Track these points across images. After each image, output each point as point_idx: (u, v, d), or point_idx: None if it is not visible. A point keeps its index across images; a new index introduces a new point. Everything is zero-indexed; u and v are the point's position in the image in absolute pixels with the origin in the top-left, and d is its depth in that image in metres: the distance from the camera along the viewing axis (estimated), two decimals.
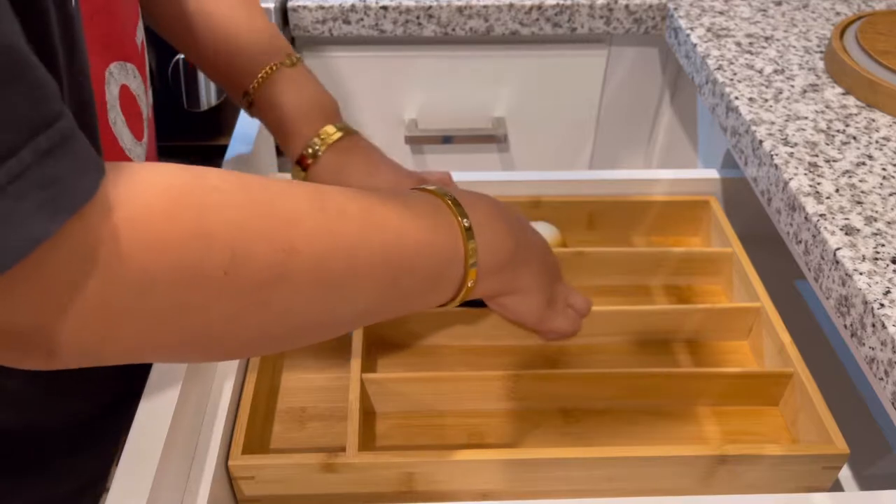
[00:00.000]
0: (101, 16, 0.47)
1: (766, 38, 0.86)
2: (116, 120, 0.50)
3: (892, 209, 0.60)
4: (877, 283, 0.53)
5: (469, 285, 0.48)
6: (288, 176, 0.76)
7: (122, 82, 0.51)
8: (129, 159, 0.52)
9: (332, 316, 0.41)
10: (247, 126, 0.71)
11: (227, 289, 0.34)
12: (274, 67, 0.62)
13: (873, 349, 0.51)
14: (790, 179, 0.63)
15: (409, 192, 0.48)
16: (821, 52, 0.83)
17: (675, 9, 0.94)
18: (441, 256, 0.46)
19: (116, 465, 0.43)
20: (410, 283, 0.44)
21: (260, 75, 0.62)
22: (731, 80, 0.78)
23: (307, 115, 0.62)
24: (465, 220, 0.47)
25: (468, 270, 0.47)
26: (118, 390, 0.57)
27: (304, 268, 0.37)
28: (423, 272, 0.45)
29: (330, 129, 0.62)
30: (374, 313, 0.45)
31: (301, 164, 0.62)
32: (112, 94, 0.49)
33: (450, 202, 0.47)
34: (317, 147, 0.61)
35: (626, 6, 0.96)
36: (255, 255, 0.35)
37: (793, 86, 0.77)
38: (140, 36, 0.54)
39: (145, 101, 0.55)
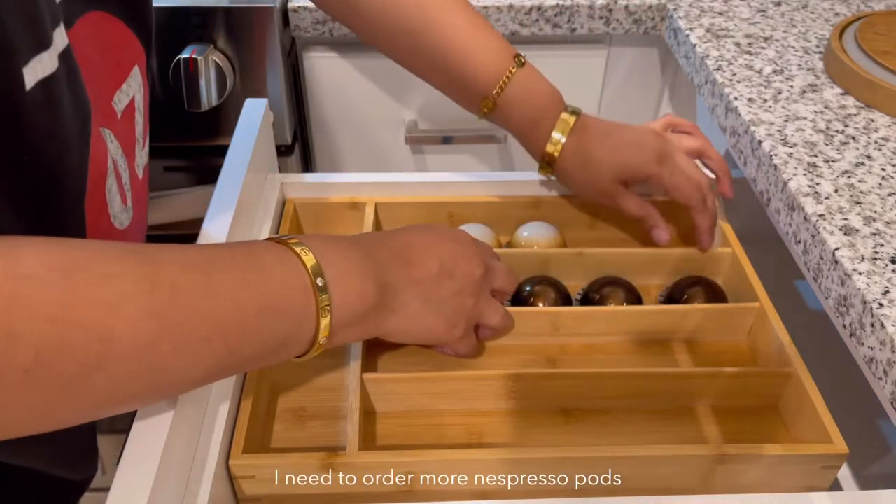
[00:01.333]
0: (87, 81, 0.46)
1: (766, 39, 0.86)
2: (112, 186, 0.50)
3: (891, 209, 0.60)
4: (876, 282, 0.53)
5: (321, 342, 0.47)
6: (288, 178, 0.76)
7: (108, 147, 0.51)
8: (114, 227, 0.52)
9: (162, 389, 0.41)
10: (247, 126, 0.71)
11: (29, 387, 0.33)
12: (512, 71, 0.66)
13: (872, 349, 0.51)
14: (789, 179, 0.63)
15: (260, 248, 0.46)
16: (820, 52, 0.83)
17: (675, 9, 0.94)
18: (288, 320, 0.45)
19: (117, 464, 0.43)
20: (252, 349, 0.44)
21: (501, 81, 0.66)
22: (731, 80, 0.78)
23: (545, 111, 0.67)
24: (318, 278, 0.46)
25: (320, 328, 0.46)
26: None
27: (124, 355, 0.36)
28: (265, 338, 0.44)
29: (565, 115, 0.66)
30: (213, 377, 0.44)
31: (548, 161, 0.67)
32: (110, 159, 0.50)
33: (304, 258, 0.46)
34: (558, 138, 0.66)
35: (626, 7, 0.96)
36: (65, 349, 0.34)
37: (792, 86, 0.77)
38: (121, 101, 0.53)
39: (125, 168, 0.54)
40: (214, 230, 0.59)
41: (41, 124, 0.39)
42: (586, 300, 0.68)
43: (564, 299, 0.67)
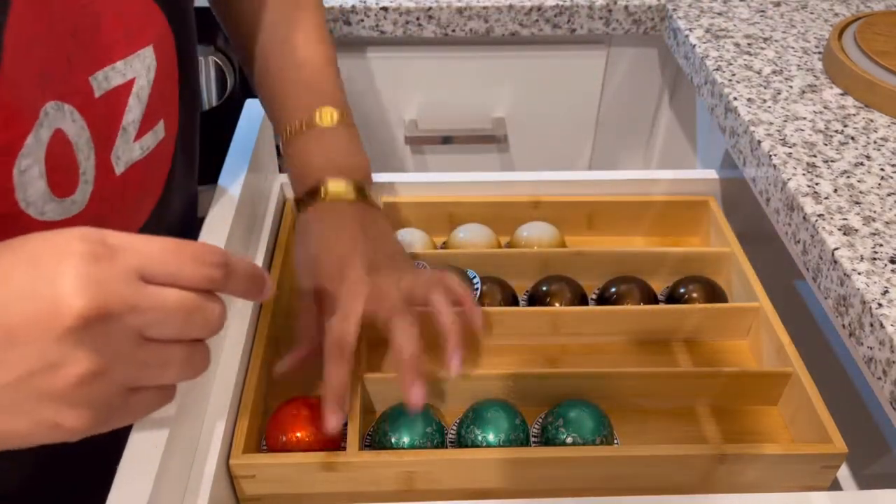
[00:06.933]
0: (39, 48, 0.41)
1: (765, 39, 0.86)
2: (31, 168, 0.41)
3: (890, 209, 0.60)
4: (875, 282, 0.53)
5: None
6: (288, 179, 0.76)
7: (57, 126, 0.42)
8: (24, 214, 0.43)
9: None
10: (247, 127, 0.71)
11: None
12: (304, 124, 0.59)
13: (871, 349, 0.51)
14: (788, 180, 0.63)
15: None
16: (819, 52, 0.83)
17: (674, 10, 0.94)
18: None
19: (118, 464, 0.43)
20: None
21: (290, 128, 0.59)
22: (730, 80, 0.78)
23: (320, 171, 0.58)
24: None
25: None
26: None
27: None
28: None
29: (334, 187, 0.56)
30: None
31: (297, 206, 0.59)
32: (38, 137, 0.41)
33: None
34: (304, 203, 0.58)
35: (626, 7, 0.96)
36: None
37: (791, 86, 0.77)
38: (109, 79, 0.46)
39: (88, 155, 0.45)
40: (215, 230, 0.60)
41: None
42: (602, 299, 0.68)
43: (581, 298, 0.67)
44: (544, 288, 0.68)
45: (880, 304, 0.51)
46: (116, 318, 0.33)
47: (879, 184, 0.63)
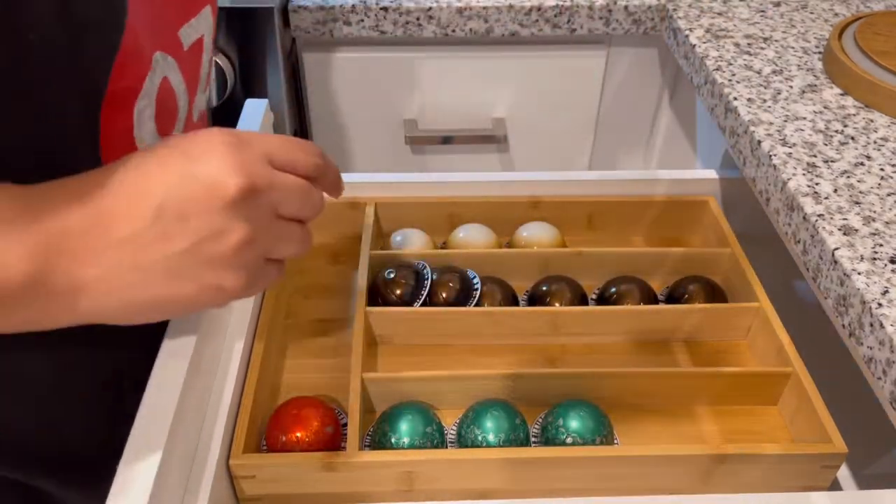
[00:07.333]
0: (150, 4, 0.45)
1: (765, 39, 0.86)
2: (146, 108, 0.47)
3: (890, 209, 0.60)
4: (875, 282, 0.53)
5: None
6: None
7: (164, 74, 0.48)
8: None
9: None
10: (248, 127, 0.71)
11: None
12: None
13: (871, 349, 0.51)
14: (788, 179, 0.63)
15: None
16: (819, 52, 0.83)
17: (674, 10, 0.94)
18: None
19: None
20: None
21: None
22: (730, 80, 0.78)
23: None
24: None
25: None
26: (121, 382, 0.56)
27: None
28: None
29: None
30: None
31: None
32: (153, 82, 0.47)
33: None
34: None
35: (626, 7, 0.96)
36: None
37: (791, 86, 0.77)
38: (189, 35, 0.51)
39: (185, 102, 0.51)
40: None
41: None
42: (602, 299, 0.68)
43: (581, 298, 0.67)
44: (544, 288, 0.68)
45: (880, 304, 0.51)
46: (261, 193, 0.40)
47: (879, 184, 0.63)
